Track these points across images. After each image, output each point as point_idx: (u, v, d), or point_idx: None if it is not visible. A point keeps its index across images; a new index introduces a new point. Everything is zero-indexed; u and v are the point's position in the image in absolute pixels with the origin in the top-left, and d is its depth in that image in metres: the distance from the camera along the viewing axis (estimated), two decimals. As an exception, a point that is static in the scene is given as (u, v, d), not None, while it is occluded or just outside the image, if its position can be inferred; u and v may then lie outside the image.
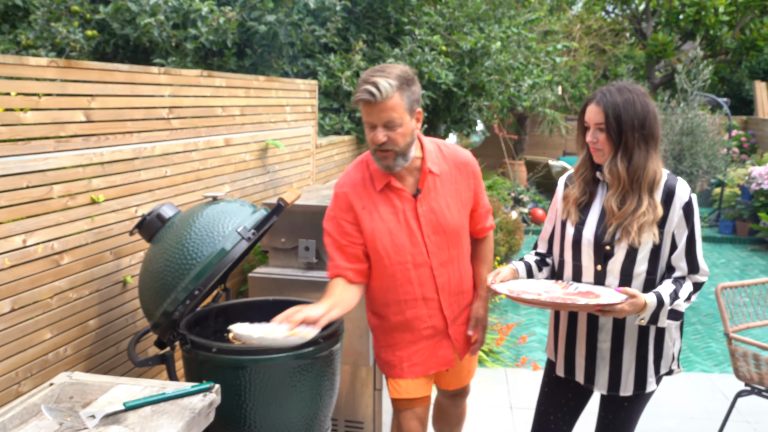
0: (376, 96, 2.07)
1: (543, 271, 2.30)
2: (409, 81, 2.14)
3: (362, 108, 2.13)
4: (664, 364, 2.21)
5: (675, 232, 2.07)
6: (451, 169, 2.35)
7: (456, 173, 2.36)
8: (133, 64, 4.11)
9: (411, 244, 2.29)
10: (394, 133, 2.13)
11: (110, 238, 2.55)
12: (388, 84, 2.07)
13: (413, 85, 2.16)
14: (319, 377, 2.42)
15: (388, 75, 2.09)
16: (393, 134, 2.13)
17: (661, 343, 2.18)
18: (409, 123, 2.16)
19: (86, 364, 2.44)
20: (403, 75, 2.12)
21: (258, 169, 3.78)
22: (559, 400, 2.36)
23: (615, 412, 2.25)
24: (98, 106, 2.45)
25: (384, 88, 2.07)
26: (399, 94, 2.10)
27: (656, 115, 2.06)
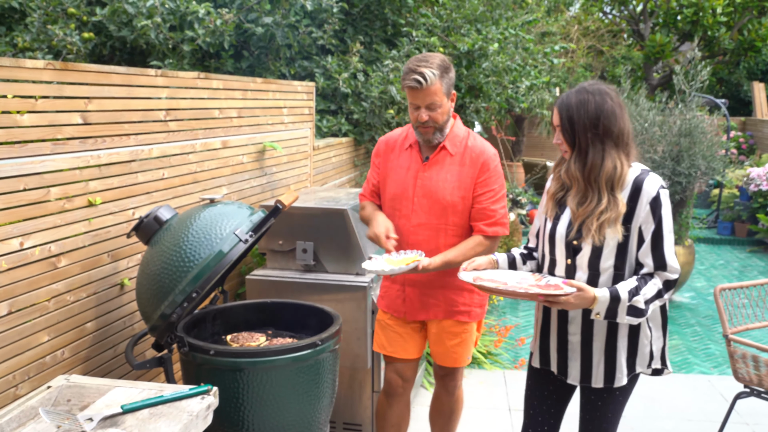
0: (422, 83, 2.50)
1: (528, 264, 2.37)
2: (448, 68, 2.58)
3: (408, 92, 2.57)
4: (640, 362, 2.22)
5: (642, 227, 2.09)
6: (465, 155, 2.67)
7: (467, 159, 2.66)
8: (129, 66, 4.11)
9: (404, 197, 2.69)
10: (435, 113, 2.58)
11: (107, 240, 2.55)
12: (432, 73, 2.50)
13: (450, 71, 2.59)
14: (317, 379, 2.42)
15: (431, 65, 2.52)
16: (434, 114, 2.58)
17: (635, 341, 2.19)
18: (447, 104, 2.61)
19: (84, 366, 2.45)
20: (443, 64, 2.56)
21: (255, 171, 3.78)
22: (541, 392, 2.40)
23: (593, 405, 2.28)
24: (95, 109, 2.45)
25: (429, 77, 2.50)
26: (440, 81, 2.53)
27: (613, 112, 2.08)
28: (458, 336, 2.79)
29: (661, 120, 6.00)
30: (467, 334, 2.81)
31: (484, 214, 2.63)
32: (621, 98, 2.14)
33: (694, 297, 6.65)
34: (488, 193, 2.63)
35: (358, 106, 5.53)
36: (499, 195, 2.65)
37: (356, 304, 3.22)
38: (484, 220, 2.63)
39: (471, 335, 2.83)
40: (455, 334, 2.79)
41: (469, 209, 2.65)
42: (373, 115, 5.53)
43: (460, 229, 2.68)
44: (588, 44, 16.52)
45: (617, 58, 16.67)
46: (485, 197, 2.63)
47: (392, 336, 2.83)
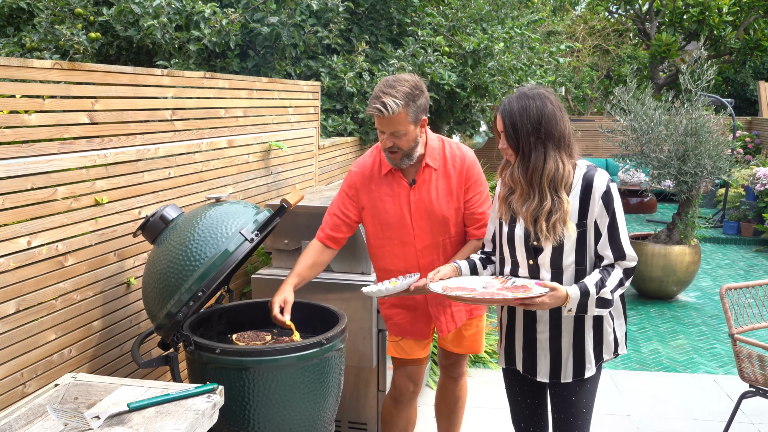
0: (383, 113, 2.44)
1: (488, 268, 2.41)
2: (416, 96, 2.47)
3: (375, 118, 2.51)
4: (606, 350, 2.28)
5: (597, 221, 2.15)
6: (448, 165, 2.63)
7: (451, 169, 2.64)
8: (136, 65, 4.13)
9: (400, 225, 2.64)
10: (400, 140, 2.51)
11: (114, 239, 2.56)
12: (395, 103, 2.43)
13: (419, 98, 2.49)
14: (322, 378, 2.43)
15: (396, 94, 2.44)
16: (399, 141, 2.51)
17: (600, 330, 2.26)
18: (413, 131, 2.52)
19: (90, 365, 2.46)
20: (411, 91, 2.46)
21: (261, 171, 3.79)
22: (517, 390, 2.44)
23: (565, 401, 2.31)
24: (102, 108, 2.46)
25: (391, 107, 2.43)
26: (405, 110, 2.45)
27: (554, 114, 2.12)
28: (474, 326, 2.88)
29: (667, 119, 5.98)
30: (481, 324, 2.91)
31: (473, 219, 2.66)
32: (559, 101, 2.19)
33: (700, 296, 6.63)
34: (474, 197, 2.66)
35: (363, 105, 5.53)
36: (484, 197, 2.67)
37: (362, 304, 3.22)
38: (474, 224, 2.66)
39: (483, 324, 2.93)
40: (472, 325, 2.87)
41: (462, 218, 2.68)
42: (378, 114, 5.52)
43: (462, 237, 2.71)
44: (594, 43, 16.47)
45: (623, 57, 16.62)
46: (472, 202, 2.66)
47: (409, 342, 2.82)
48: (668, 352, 5.12)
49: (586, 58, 16.60)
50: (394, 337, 2.85)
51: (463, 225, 2.68)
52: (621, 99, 6.17)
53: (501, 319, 2.41)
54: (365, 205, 2.69)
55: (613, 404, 4.12)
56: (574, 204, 2.16)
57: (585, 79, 17.60)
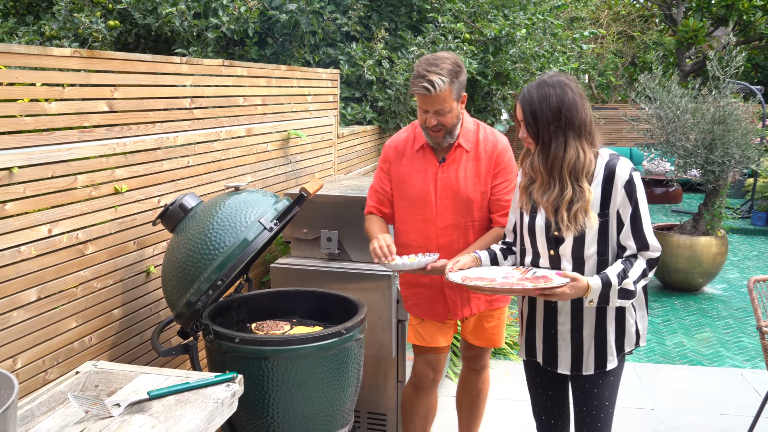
0: (431, 91, 2.47)
1: (509, 259, 2.41)
2: (458, 72, 2.53)
3: (417, 97, 2.54)
4: (627, 342, 2.27)
5: (620, 211, 2.14)
6: (480, 148, 2.67)
7: (482, 152, 2.66)
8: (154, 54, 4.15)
9: (424, 201, 2.67)
10: (444, 118, 2.56)
11: (133, 228, 2.58)
12: (441, 81, 2.46)
13: (461, 74, 2.54)
14: (342, 368, 2.44)
15: (441, 70, 2.47)
16: (443, 118, 2.56)
17: (622, 322, 2.24)
18: (456, 108, 2.58)
19: (111, 353, 2.49)
20: (454, 68, 2.51)
21: (279, 159, 3.80)
22: (537, 383, 2.44)
23: (587, 393, 2.30)
24: (121, 96, 2.48)
25: (438, 84, 2.46)
26: (449, 87, 2.50)
27: (574, 102, 2.11)
28: (496, 318, 2.87)
29: (694, 107, 5.89)
30: (503, 316, 2.90)
31: (498, 205, 2.66)
32: (580, 88, 2.18)
33: (727, 289, 6.55)
34: (502, 183, 2.66)
35: (383, 93, 5.51)
36: (512, 185, 2.66)
37: (381, 294, 3.22)
38: (499, 211, 2.66)
39: (506, 316, 2.92)
40: (493, 317, 2.86)
41: (488, 203, 2.68)
42: (398, 102, 5.51)
43: (485, 223, 2.71)
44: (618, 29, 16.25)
45: (648, 43, 16.38)
46: (499, 188, 2.66)
47: (429, 328, 2.83)
48: (693, 345, 5.07)
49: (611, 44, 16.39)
50: (413, 321, 2.86)
51: (487, 210, 2.68)
52: (646, 86, 6.10)
53: (522, 310, 2.40)
54: (395, 179, 2.74)
55: (637, 397, 4.10)
56: (596, 193, 2.14)
57: (609, 66, 17.39)
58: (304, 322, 2.81)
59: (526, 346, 2.39)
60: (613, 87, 18.08)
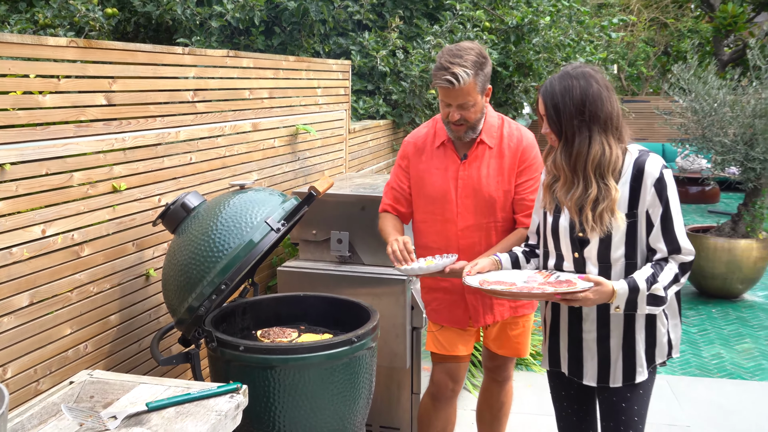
0: (455, 84, 2.47)
1: (531, 262, 2.40)
2: (483, 64, 2.53)
3: (440, 90, 2.54)
4: (659, 353, 2.25)
5: (649, 211, 2.13)
6: (504, 144, 2.67)
7: (506, 149, 2.66)
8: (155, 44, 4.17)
9: (444, 200, 2.67)
10: (468, 112, 2.56)
11: (132, 228, 2.59)
12: (465, 73, 2.46)
13: (486, 66, 2.55)
14: (352, 379, 2.43)
15: (466, 62, 2.47)
16: (466, 113, 2.56)
17: (653, 330, 2.22)
18: (481, 102, 2.58)
19: (107, 361, 2.50)
20: (478, 59, 2.51)
21: (287, 156, 3.80)
22: (562, 395, 2.42)
23: (615, 408, 2.27)
24: (120, 89, 2.49)
25: (462, 77, 2.46)
26: (474, 80, 2.49)
27: (599, 95, 2.10)
28: (521, 326, 2.86)
29: (733, 100, 5.83)
30: (528, 323, 2.88)
31: (523, 205, 2.65)
32: (607, 80, 2.17)
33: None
34: (527, 182, 2.66)
35: (397, 85, 5.51)
36: (538, 184, 2.63)
37: (394, 299, 3.21)
38: (524, 211, 2.65)
39: (531, 324, 2.91)
40: (517, 324, 2.85)
41: (512, 202, 2.67)
42: (413, 95, 5.50)
43: (509, 224, 2.70)
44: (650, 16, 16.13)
45: (683, 31, 16.24)
46: (523, 187, 2.66)
47: (448, 335, 2.82)
48: (732, 357, 5.02)
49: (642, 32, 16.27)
50: (432, 327, 2.85)
51: (511, 211, 2.68)
52: (680, 77, 6.04)
53: (545, 317, 2.39)
54: (414, 176, 2.75)
55: (671, 413, 4.06)
56: (624, 192, 2.13)
57: (640, 55, 17.27)
58: (312, 329, 2.81)
59: (550, 355, 2.37)
60: (644, 78, 17.96)
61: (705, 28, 15.15)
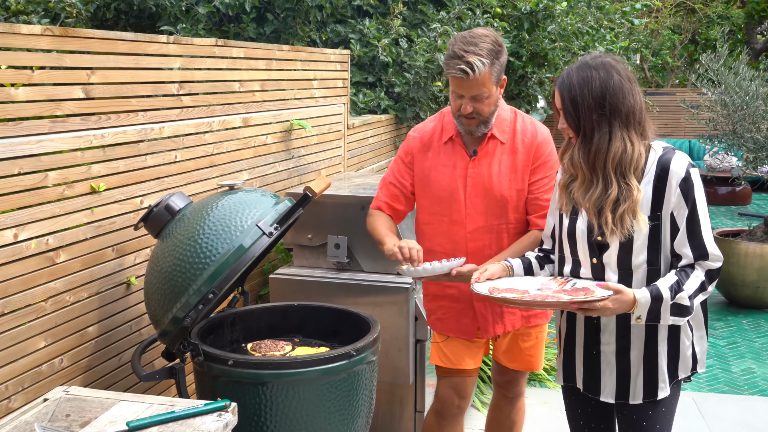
0: (469, 74, 2.46)
1: (546, 268, 2.40)
2: (499, 53, 2.54)
3: (452, 80, 2.54)
4: (682, 367, 2.24)
5: (674, 213, 2.13)
6: (517, 140, 2.67)
7: (519, 144, 2.67)
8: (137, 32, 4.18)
9: (452, 200, 2.68)
10: (481, 104, 2.56)
11: (112, 232, 2.60)
12: (481, 62, 2.46)
13: (502, 55, 2.56)
14: (351, 395, 2.43)
15: (481, 50, 2.47)
16: (480, 105, 2.55)
17: (676, 342, 2.22)
18: (495, 93, 2.59)
19: (85, 377, 2.50)
20: (494, 47, 2.52)
21: (281, 154, 3.81)
22: (579, 413, 2.42)
23: (636, 427, 2.27)
24: (99, 81, 2.49)
25: (478, 67, 2.45)
26: (490, 70, 2.50)
27: (620, 87, 2.10)
28: (533, 337, 2.85)
29: (767, 92, 5.84)
30: (542, 335, 2.88)
31: (537, 205, 2.66)
32: (629, 71, 2.16)
33: (804, 306, 6.48)
34: (542, 180, 2.66)
35: (400, 77, 5.51)
36: (553, 182, 2.64)
37: (397, 309, 3.22)
38: (538, 211, 2.65)
39: (544, 336, 2.90)
40: (530, 336, 2.84)
41: (525, 202, 2.68)
42: (417, 88, 5.51)
43: (522, 226, 2.70)
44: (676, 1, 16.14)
45: (712, 17, 16.24)
46: (537, 186, 2.66)
47: (455, 347, 2.81)
48: (765, 373, 5.01)
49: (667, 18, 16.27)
50: (438, 338, 2.85)
51: (524, 212, 2.68)
52: (709, 68, 6.05)
53: (560, 328, 2.39)
54: (418, 174, 2.74)
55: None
56: (647, 192, 2.13)
57: (665, 44, 17.27)
58: (307, 341, 2.81)
59: (565, 370, 2.37)
60: (669, 69, 17.96)
61: (736, 14, 15.15)
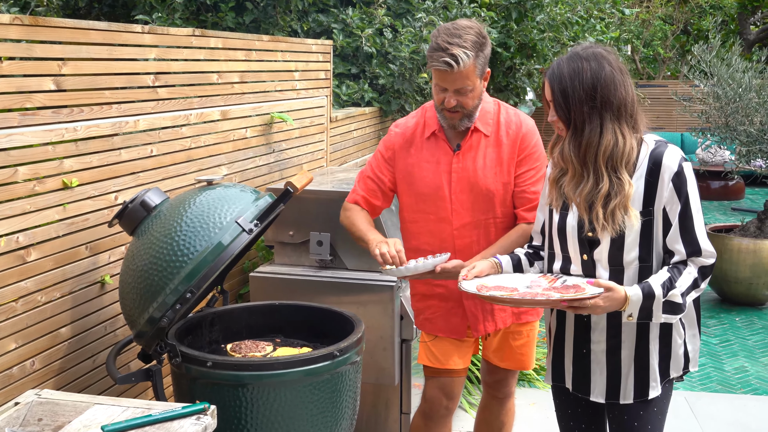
0: (454, 67, 2.48)
1: (535, 265, 2.42)
2: (483, 45, 2.56)
3: (435, 73, 2.55)
4: (673, 366, 2.27)
5: (666, 208, 2.15)
6: (501, 132, 2.69)
7: (504, 137, 2.69)
8: (111, 21, 4.15)
9: (437, 197, 2.69)
10: (465, 98, 2.58)
11: (86, 230, 2.58)
12: (465, 54, 2.47)
13: (486, 48, 2.57)
14: (334, 397, 2.44)
15: (465, 43, 2.48)
16: (463, 98, 2.57)
17: (668, 341, 2.24)
18: (479, 86, 2.61)
19: (57, 380, 2.49)
20: (478, 39, 2.53)
21: (261, 148, 3.80)
22: (569, 414, 2.43)
23: (627, 427, 2.29)
24: (71, 72, 2.48)
25: (462, 59, 2.47)
26: (474, 62, 2.51)
27: (612, 78, 2.12)
28: (525, 335, 2.86)
29: (760, 84, 5.88)
30: (533, 333, 2.90)
31: (524, 198, 2.67)
32: (621, 61, 2.18)
33: (798, 302, 6.54)
34: (528, 172, 2.68)
35: (384, 69, 5.51)
36: (540, 174, 2.67)
37: (382, 308, 3.22)
38: (525, 205, 2.67)
39: (536, 334, 2.92)
40: (521, 334, 2.85)
41: (511, 196, 2.69)
42: (402, 79, 5.51)
43: (510, 220, 2.72)
44: (668, -9, 16.22)
45: (704, 7, 16.35)
46: (524, 178, 2.68)
47: (444, 346, 2.82)
48: (758, 371, 5.06)
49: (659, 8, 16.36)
50: (426, 337, 2.86)
51: (512, 205, 2.70)
52: (701, 59, 6.08)
53: (549, 326, 2.41)
54: (401, 171, 2.75)
55: (689, 433, 4.09)
56: (639, 187, 2.15)
57: (656, 35, 17.36)
58: (289, 342, 2.81)
59: (554, 369, 2.39)
60: (661, 60, 18.06)
61: (729, 4, 15.26)
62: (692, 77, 6.26)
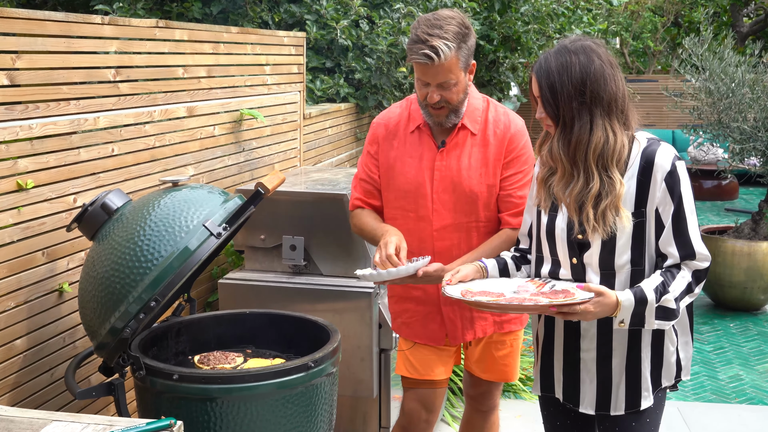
0: (434, 59, 2.48)
1: (522, 269, 2.43)
2: (466, 36, 2.56)
3: (416, 67, 2.56)
4: (665, 374, 2.29)
5: (659, 209, 2.16)
6: (489, 131, 2.70)
7: (491, 136, 2.70)
8: (68, 11, 4.13)
9: (417, 195, 2.70)
10: (449, 92, 2.58)
11: (42, 234, 2.57)
12: (446, 46, 2.48)
13: (469, 39, 2.58)
14: (309, 411, 2.44)
15: (446, 35, 2.49)
16: (447, 93, 2.58)
17: (660, 349, 2.26)
18: (464, 80, 2.62)
19: (12, 395, 2.47)
20: (461, 30, 2.54)
21: (230, 147, 3.79)
22: (557, 425, 2.45)
23: None
24: (25, 66, 2.46)
25: (443, 51, 2.47)
26: (456, 55, 2.52)
27: (602, 73, 2.14)
28: (508, 345, 2.86)
29: (753, 78, 5.94)
30: (517, 342, 2.90)
31: (509, 203, 2.68)
32: (611, 55, 2.20)
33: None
34: (515, 175, 2.69)
35: (360, 62, 5.52)
36: (527, 179, 2.68)
37: (359, 316, 3.23)
38: (511, 209, 2.68)
39: (520, 343, 2.93)
40: (504, 343, 2.85)
41: (496, 199, 2.70)
42: (380, 74, 5.52)
43: (494, 224, 2.73)
44: (658, -19, 16.38)
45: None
46: (510, 181, 2.69)
47: (423, 355, 2.82)
48: (753, 379, 5.12)
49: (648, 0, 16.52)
50: (404, 345, 2.86)
51: (496, 209, 2.71)
52: (693, 52, 6.14)
53: (537, 334, 2.42)
54: (383, 165, 2.77)
55: (682, 445, 4.13)
56: (630, 187, 2.16)
57: (646, 27, 17.52)
58: (261, 353, 2.81)
59: (542, 379, 2.40)
60: (651, 54, 18.24)
61: (721, -5, 15.42)
62: (683, 72, 6.31)
